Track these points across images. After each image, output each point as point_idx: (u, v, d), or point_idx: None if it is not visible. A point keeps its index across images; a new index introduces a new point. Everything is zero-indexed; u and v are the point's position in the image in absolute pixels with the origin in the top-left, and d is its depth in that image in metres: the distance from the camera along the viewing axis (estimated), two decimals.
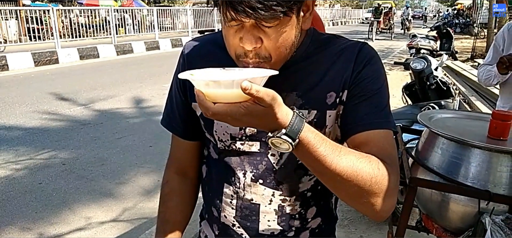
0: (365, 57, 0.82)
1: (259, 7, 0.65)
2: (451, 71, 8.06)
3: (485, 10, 16.22)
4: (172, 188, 1.02)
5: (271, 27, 0.70)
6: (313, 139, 0.68)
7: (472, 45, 12.02)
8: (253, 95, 0.61)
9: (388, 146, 0.79)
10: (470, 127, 1.41)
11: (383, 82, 0.83)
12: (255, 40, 0.71)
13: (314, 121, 0.82)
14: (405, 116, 3.03)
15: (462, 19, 23.01)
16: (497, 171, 1.16)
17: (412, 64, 3.64)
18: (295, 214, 0.91)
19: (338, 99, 0.82)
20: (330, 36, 0.90)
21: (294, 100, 0.82)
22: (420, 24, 27.88)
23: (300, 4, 0.73)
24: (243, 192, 0.90)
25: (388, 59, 12.12)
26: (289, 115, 0.66)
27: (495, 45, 2.21)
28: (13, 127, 5.01)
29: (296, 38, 0.77)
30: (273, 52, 0.74)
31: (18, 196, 3.30)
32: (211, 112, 0.64)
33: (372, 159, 0.74)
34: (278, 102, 0.65)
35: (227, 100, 0.63)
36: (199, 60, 0.89)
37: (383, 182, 0.73)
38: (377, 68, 0.83)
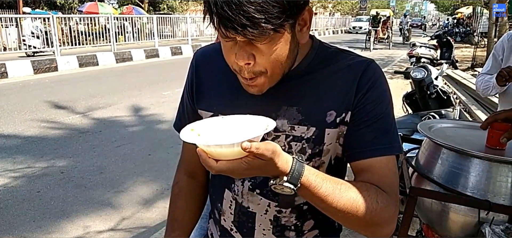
0: (369, 79, 0.81)
1: (247, 24, 0.66)
2: (452, 80, 8.07)
3: (485, 19, 16.30)
4: (181, 188, 1.06)
5: (263, 44, 0.71)
6: (314, 181, 0.72)
7: (472, 54, 12.06)
8: (254, 153, 0.64)
9: (389, 173, 0.81)
10: (470, 136, 1.41)
11: (388, 105, 0.83)
12: (248, 56, 0.72)
13: (313, 138, 0.83)
14: (405, 125, 3.02)
15: (462, 28, 23.11)
16: (496, 180, 1.15)
17: (412, 73, 3.64)
18: (290, 225, 0.91)
19: (338, 119, 0.82)
20: (337, 50, 0.89)
21: (294, 115, 0.83)
22: (419, 33, 27.90)
23: (293, 20, 0.73)
24: (241, 199, 0.92)
25: (388, 68, 12.15)
26: (289, 162, 0.69)
27: (494, 55, 2.21)
28: (11, 134, 5.00)
29: (291, 52, 0.77)
30: (268, 67, 0.75)
31: (16, 204, 3.28)
32: (215, 170, 0.68)
33: (371, 191, 0.77)
34: (278, 153, 0.67)
35: (229, 157, 0.66)
36: (205, 67, 0.94)
37: (381, 214, 0.77)
38: (381, 92, 0.82)
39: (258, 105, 0.83)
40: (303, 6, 0.74)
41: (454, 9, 32.48)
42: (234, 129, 0.74)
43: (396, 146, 0.82)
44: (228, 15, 0.66)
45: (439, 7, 44.36)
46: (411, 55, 8.00)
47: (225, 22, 0.67)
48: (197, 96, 0.95)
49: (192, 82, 0.96)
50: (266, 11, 0.66)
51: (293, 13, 0.71)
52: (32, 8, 18.20)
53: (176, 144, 4.71)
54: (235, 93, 0.87)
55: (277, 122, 0.81)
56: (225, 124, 0.77)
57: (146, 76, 9.66)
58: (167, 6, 26.65)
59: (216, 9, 0.67)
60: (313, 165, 0.85)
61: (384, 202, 0.77)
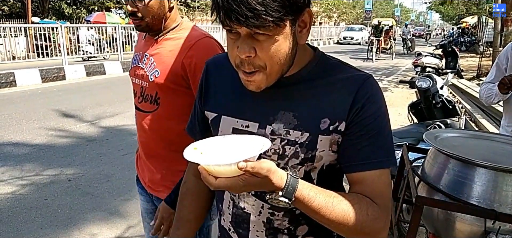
0: (365, 94, 0.85)
1: (249, 15, 0.73)
2: (457, 89, 8.05)
3: (490, 29, 16.26)
4: (188, 188, 1.12)
5: (264, 37, 0.77)
6: (308, 195, 0.78)
7: (477, 64, 12.02)
8: (249, 172, 0.71)
9: (382, 186, 0.86)
10: (476, 146, 1.41)
11: (383, 120, 0.87)
12: (249, 49, 0.78)
13: (306, 143, 0.86)
14: (411, 135, 3.02)
15: (467, 37, 23.03)
16: (502, 190, 1.16)
17: (417, 83, 3.65)
18: (283, 229, 0.95)
19: (331, 126, 0.86)
20: (338, 63, 0.93)
21: (290, 120, 0.87)
22: (422, 43, 27.65)
23: (293, 18, 0.79)
24: (238, 199, 0.97)
25: (393, 77, 12.14)
26: (284, 179, 0.75)
27: (497, 64, 2.22)
28: (19, 143, 5.05)
29: (290, 50, 0.82)
30: (267, 62, 0.80)
31: (23, 212, 3.32)
32: (214, 187, 0.74)
33: (362, 204, 0.82)
34: (273, 171, 0.74)
35: (227, 175, 0.73)
36: (215, 73, 1.02)
37: (372, 225, 0.82)
38: (378, 107, 0.86)
39: (258, 108, 0.90)
40: (303, 7, 0.80)
41: (459, 19, 32.40)
42: (233, 148, 0.80)
43: (390, 160, 0.86)
44: (233, 8, 0.73)
45: (444, 16, 44.34)
46: (416, 64, 8.00)
47: (229, 14, 0.74)
48: (205, 99, 1.02)
49: (202, 86, 1.04)
50: (267, 5, 0.73)
51: (292, 11, 0.77)
52: (41, 17, 18.43)
53: None
54: (238, 97, 0.93)
55: (274, 126, 0.88)
56: (225, 143, 0.83)
57: None
58: None
59: (222, 3, 0.74)
60: (305, 169, 0.89)
61: (375, 214, 0.82)
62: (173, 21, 1.50)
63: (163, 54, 1.46)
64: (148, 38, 1.56)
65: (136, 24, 1.44)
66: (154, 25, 1.45)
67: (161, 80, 1.43)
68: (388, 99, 8.41)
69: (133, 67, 1.59)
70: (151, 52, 1.50)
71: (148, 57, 1.50)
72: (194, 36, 1.44)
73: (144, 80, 1.49)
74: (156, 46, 1.50)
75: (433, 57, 8.15)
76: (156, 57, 1.48)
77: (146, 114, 1.50)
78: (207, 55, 1.32)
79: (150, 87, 1.47)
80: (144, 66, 1.50)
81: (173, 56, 1.43)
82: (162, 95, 1.45)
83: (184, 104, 1.43)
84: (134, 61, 1.59)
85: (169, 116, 1.46)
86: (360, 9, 47.25)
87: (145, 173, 1.60)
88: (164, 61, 1.44)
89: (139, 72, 1.53)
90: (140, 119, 1.54)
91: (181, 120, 1.42)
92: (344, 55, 18.81)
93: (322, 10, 43.59)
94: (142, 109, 1.52)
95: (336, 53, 12.08)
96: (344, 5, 48.73)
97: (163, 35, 1.50)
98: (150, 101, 1.49)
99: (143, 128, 1.52)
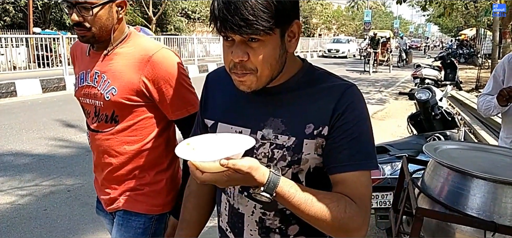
0: (346, 101, 0.93)
1: (242, 25, 0.82)
2: (456, 101, 8.08)
3: (489, 40, 16.37)
4: (191, 191, 1.19)
5: (256, 43, 0.86)
6: (288, 192, 0.85)
7: (476, 76, 12.08)
8: (231, 169, 0.79)
9: (361, 187, 0.92)
10: (476, 158, 1.42)
11: (363, 126, 0.94)
12: (242, 53, 0.87)
13: (292, 147, 0.94)
14: (411, 146, 3.03)
15: (466, 49, 23.15)
16: (502, 202, 1.16)
17: (417, 95, 3.67)
18: (275, 228, 1.02)
19: (315, 131, 0.94)
20: (324, 73, 1.01)
21: (278, 125, 0.96)
22: (420, 55, 27.27)
23: (282, 28, 0.88)
24: (233, 201, 1.05)
25: (393, 89, 12.18)
26: (266, 175, 0.83)
27: (495, 76, 2.24)
28: (19, 153, 5.06)
29: (280, 57, 0.91)
30: (259, 66, 0.88)
31: (22, 222, 3.31)
32: (200, 180, 0.82)
33: (341, 202, 0.89)
34: (255, 168, 0.81)
35: (213, 171, 0.81)
36: (214, 85, 1.12)
37: (349, 222, 0.89)
38: (358, 114, 0.94)
39: (251, 115, 0.98)
40: (292, 19, 0.90)
41: (457, 31, 32.62)
42: (222, 145, 0.88)
43: (369, 163, 0.94)
44: (228, 18, 0.82)
45: (442, 29, 44.63)
46: (415, 76, 8.04)
47: (225, 24, 0.83)
48: (205, 108, 1.11)
49: (202, 96, 1.15)
50: (258, 15, 0.82)
51: (281, 22, 0.86)
52: (42, 28, 18.53)
53: None
54: (233, 106, 1.03)
55: (264, 131, 0.97)
56: (216, 140, 0.91)
57: None
58: (174, 27, 27.02)
59: (218, 13, 0.84)
60: (292, 171, 0.96)
61: (352, 213, 0.89)
62: (121, 32, 1.42)
63: (117, 70, 1.38)
64: (93, 54, 1.46)
65: (81, 34, 1.34)
66: (101, 36, 1.36)
67: (119, 98, 1.36)
68: (388, 111, 8.43)
69: (81, 87, 1.47)
70: (103, 69, 1.41)
71: (99, 74, 1.41)
72: (150, 49, 1.38)
73: (99, 99, 1.41)
74: (107, 61, 1.41)
75: (432, 69, 8.20)
76: (109, 74, 1.39)
77: (103, 133, 1.43)
78: (167, 67, 1.37)
79: (106, 106, 1.40)
80: (97, 85, 1.41)
81: (129, 72, 1.37)
82: (121, 113, 1.40)
83: (145, 119, 1.42)
84: (81, 80, 1.47)
85: (129, 133, 1.42)
86: (359, 21, 47.59)
87: (104, 195, 1.52)
88: (119, 78, 1.37)
89: (90, 92, 1.43)
90: (96, 140, 1.47)
91: (143, 134, 1.43)
92: (341, 67, 18.88)
93: (321, 22, 43.90)
94: (98, 130, 1.45)
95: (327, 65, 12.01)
96: (343, 17, 49.09)
97: (113, 49, 1.41)
98: (105, 121, 1.42)
99: (101, 149, 1.46)
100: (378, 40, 17.75)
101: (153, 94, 1.38)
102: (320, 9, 42.28)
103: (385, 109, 8.73)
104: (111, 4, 1.34)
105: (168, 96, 1.38)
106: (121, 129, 1.42)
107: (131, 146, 1.43)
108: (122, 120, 1.41)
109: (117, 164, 1.45)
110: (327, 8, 45.84)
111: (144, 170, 1.46)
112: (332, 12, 47.52)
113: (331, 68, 1.13)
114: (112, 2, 1.35)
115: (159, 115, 1.45)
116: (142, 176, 1.46)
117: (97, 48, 1.44)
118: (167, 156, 1.50)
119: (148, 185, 1.47)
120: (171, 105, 1.40)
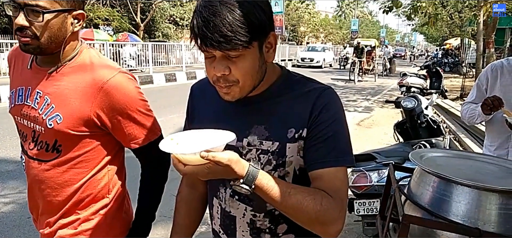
0: (322, 103, 0.99)
1: (222, 41, 0.86)
2: (441, 109, 8.20)
3: (473, 50, 16.72)
4: (182, 197, 1.25)
5: (236, 57, 0.90)
6: (266, 184, 0.89)
7: (461, 84, 12.31)
8: (211, 161, 0.82)
9: (337, 181, 0.97)
10: (461, 166, 1.45)
11: (338, 125, 0.99)
12: (224, 68, 0.92)
13: (276, 151, 1.00)
14: (397, 154, 3.07)
15: (451, 58, 23.55)
16: (486, 209, 1.18)
17: (403, 103, 3.73)
18: (265, 228, 1.08)
19: (297, 134, 1.00)
20: (301, 78, 1.07)
21: (262, 132, 1.01)
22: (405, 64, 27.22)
23: (260, 41, 0.93)
24: (224, 204, 1.10)
25: (379, 97, 12.32)
26: (245, 168, 0.87)
27: (478, 84, 2.28)
28: (2, 159, 4.96)
29: (260, 68, 0.96)
30: (240, 78, 0.93)
31: (5, 230, 3.24)
32: (182, 172, 0.86)
33: (317, 196, 0.93)
34: (235, 160, 0.85)
35: (194, 163, 0.84)
36: (199, 95, 1.17)
37: (325, 214, 0.93)
38: (332, 114, 0.99)
39: (236, 124, 1.01)
40: (268, 31, 0.95)
41: (442, 40, 33.19)
42: (204, 140, 0.91)
43: (344, 159, 0.99)
44: (208, 36, 0.87)
45: (428, 38, 45.40)
46: (401, 84, 8.17)
47: (205, 41, 0.88)
48: (191, 118, 1.17)
49: (188, 107, 1.20)
50: (236, 31, 0.86)
51: (258, 35, 0.91)
52: None
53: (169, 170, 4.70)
54: (219, 115, 1.08)
55: (249, 138, 1.02)
56: (199, 135, 0.95)
57: None
58: (162, 33, 26.95)
59: (198, 31, 0.88)
60: (278, 174, 1.02)
61: (328, 205, 0.93)
62: (72, 49, 1.23)
63: (63, 95, 1.19)
64: (36, 68, 1.25)
65: (25, 41, 1.13)
66: (48, 48, 1.16)
67: (64, 128, 1.18)
68: (374, 119, 8.52)
69: (19, 105, 1.26)
70: (46, 90, 1.21)
71: (41, 95, 1.21)
72: (103, 74, 1.20)
73: (39, 124, 1.21)
74: (52, 81, 1.21)
75: (418, 78, 8.35)
76: (54, 97, 1.20)
77: (43, 163, 1.25)
78: (123, 95, 1.22)
79: (48, 134, 1.21)
80: (37, 107, 1.21)
81: (79, 99, 1.19)
82: (65, 143, 1.22)
83: (93, 149, 1.26)
84: (19, 97, 1.26)
85: (73, 165, 1.25)
86: (347, 30, 48.13)
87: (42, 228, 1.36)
88: (66, 104, 1.19)
89: (29, 113, 1.23)
90: (33, 169, 1.28)
91: (89, 166, 1.27)
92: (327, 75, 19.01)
93: (309, 30, 44.29)
94: (35, 158, 1.26)
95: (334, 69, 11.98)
96: (331, 26, 49.62)
97: (62, 67, 1.21)
98: (46, 149, 1.23)
99: (38, 178, 1.27)
100: (362, 49, 17.71)
101: (107, 124, 1.23)
102: (308, 18, 42.65)
103: (371, 117, 8.82)
104: (67, 14, 1.16)
105: (125, 125, 1.25)
106: (65, 160, 1.23)
107: (74, 178, 1.26)
108: (66, 150, 1.23)
109: (57, 197, 1.27)
110: (315, 16, 46.28)
111: (88, 203, 1.30)
112: (319, 20, 47.99)
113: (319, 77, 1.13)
114: (68, 12, 1.16)
115: (110, 144, 1.30)
116: (86, 210, 1.30)
117: (41, 62, 1.25)
118: (114, 187, 1.36)
119: (90, 220, 1.31)
120: (128, 135, 1.28)
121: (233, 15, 0.86)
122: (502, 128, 2.07)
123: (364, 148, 4.97)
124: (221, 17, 0.86)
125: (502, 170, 1.39)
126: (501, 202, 1.17)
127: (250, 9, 0.88)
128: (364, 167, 2.87)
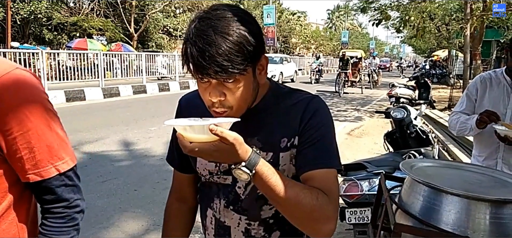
0: (311, 111, 1.03)
1: (218, 70, 0.86)
2: (430, 119, 8.32)
3: (460, 62, 16.98)
4: (171, 211, 1.26)
5: (231, 83, 0.91)
6: (266, 172, 0.89)
7: (449, 95, 12.48)
8: (218, 134, 0.81)
9: (329, 181, 0.99)
10: (450, 175, 1.49)
11: (326, 130, 1.03)
12: (220, 94, 0.92)
13: (270, 161, 1.00)
14: (388, 163, 3.12)
15: (439, 70, 23.82)
16: (475, 217, 1.22)
17: (392, 113, 3.80)
18: (259, 237, 1.10)
19: (289, 143, 1.03)
20: (289, 90, 1.11)
21: (255, 143, 1.02)
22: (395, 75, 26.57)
23: (254, 66, 0.94)
24: (218, 215, 1.12)
25: (369, 107, 12.44)
26: (248, 152, 0.87)
27: (468, 95, 2.30)
28: None
29: (254, 90, 0.99)
30: (234, 103, 0.94)
31: None
32: (188, 150, 0.84)
33: (313, 191, 0.94)
34: (239, 142, 0.84)
35: (200, 141, 0.82)
36: (188, 109, 1.15)
37: (320, 210, 0.93)
38: (320, 119, 1.03)
39: None
40: (260, 54, 0.95)
41: (430, 52, 33.57)
42: (210, 121, 0.89)
43: (333, 162, 1.02)
44: (203, 65, 0.86)
45: (416, 50, 45.98)
46: (390, 95, 8.29)
47: (201, 70, 0.87)
48: None
49: None
50: (232, 60, 0.86)
51: (252, 60, 0.92)
52: (20, 42, 18.12)
53: (162, 179, 4.70)
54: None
55: None
56: (201, 120, 0.92)
57: (133, 112, 9.63)
58: (156, 44, 26.91)
59: (193, 60, 0.87)
60: None
61: (323, 201, 0.94)
62: None
63: None
64: None
65: None
66: None
67: None
68: (364, 128, 8.60)
69: None
70: None
71: None
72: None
73: None
74: None
75: (407, 89, 8.48)
76: None
77: None
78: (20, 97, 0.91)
79: None
80: None
81: None
82: None
83: None
84: None
85: None
86: (337, 41, 48.54)
87: None
88: None
89: None
90: None
91: None
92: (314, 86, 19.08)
93: (300, 42, 44.59)
94: None
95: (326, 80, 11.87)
96: (321, 38, 50.02)
97: None
98: None
99: None
100: (347, 60, 17.26)
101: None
102: (299, 29, 42.97)
103: (362, 126, 8.89)
104: None
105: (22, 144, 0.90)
106: None
107: None
108: None
109: None
110: (306, 28, 46.68)
111: None
112: (310, 32, 48.38)
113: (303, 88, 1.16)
114: None
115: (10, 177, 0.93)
116: None
117: None
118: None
119: None
120: (27, 160, 0.91)
121: (227, 44, 0.86)
122: (491, 139, 2.11)
123: (355, 157, 5.02)
124: (217, 47, 0.85)
125: (490, 180, 1.43)
126: (490, 211, 1.21)
127: (243, 36, 0.89)
128: (355, 176, 2.92)
